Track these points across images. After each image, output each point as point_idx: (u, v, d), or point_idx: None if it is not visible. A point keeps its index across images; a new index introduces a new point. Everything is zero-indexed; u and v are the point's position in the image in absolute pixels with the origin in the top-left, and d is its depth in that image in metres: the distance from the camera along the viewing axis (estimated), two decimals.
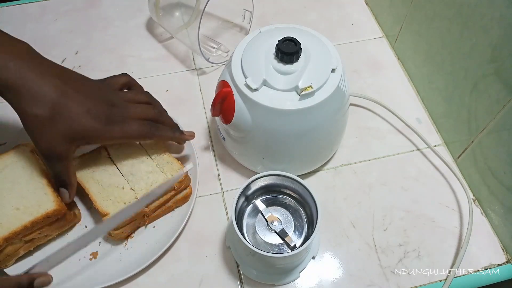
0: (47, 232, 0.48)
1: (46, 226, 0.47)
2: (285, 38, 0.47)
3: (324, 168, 0.57)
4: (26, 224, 0.45)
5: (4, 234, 0.44)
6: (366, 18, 0.74)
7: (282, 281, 0.48)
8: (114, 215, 0.47)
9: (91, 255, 0.49)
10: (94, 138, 0.46)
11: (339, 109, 0.50)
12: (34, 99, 0.42)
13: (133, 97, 0.50)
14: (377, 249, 0.51)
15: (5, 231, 0.44)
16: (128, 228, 0.49)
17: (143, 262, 0.48)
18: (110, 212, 0.47)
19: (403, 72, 0.67)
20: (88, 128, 0.45)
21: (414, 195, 0.55)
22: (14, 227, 0.45)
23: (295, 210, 0.48)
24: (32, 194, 0.47)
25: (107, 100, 0.47)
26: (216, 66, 0.67)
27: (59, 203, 0.47)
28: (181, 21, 0.69)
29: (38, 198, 0.46)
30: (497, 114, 0.48)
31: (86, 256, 0.49)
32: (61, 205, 0.47)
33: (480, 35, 0.49)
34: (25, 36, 0.53)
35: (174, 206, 0.52)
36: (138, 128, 0.48)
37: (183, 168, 0.50)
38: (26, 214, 0.45)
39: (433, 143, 0.59)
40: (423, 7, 0.59)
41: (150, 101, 0.52)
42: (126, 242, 0.50)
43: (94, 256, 0.49)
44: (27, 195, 0.47)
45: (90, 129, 0.45)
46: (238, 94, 0.47)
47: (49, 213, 0.46)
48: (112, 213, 0.47)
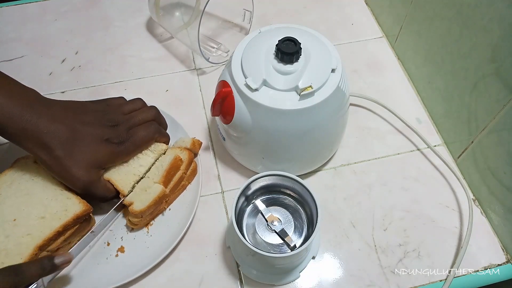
0: (70, 239, 0.48)
1: (72, 232, 0.48)
2: (285, 38, 0.47)
3: (324, 168, 0.57)
4: (58, 229, 0.46)
5: (38, 242, 0.45)
6: (366, 18, 0.74)
7: (282, 281, 0.48)
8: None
9: (117, 251, 0.50)
10: (113, 161, 0.50)
11: (339, 109, 0.50)
12: (52, 143, 0.46)
13: (131, 107, 0.54)
14: (377, 249, 0.51)
15: (38, 240, 0.45)
16: (149, 216, 0.50)
17: (170, 243, 0.49)
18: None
19: (403, 72, 0.67)
20: (105, 154, 0.49)
21: (414, 195, 0.55)
22: (45, 235, 0.45)
23: (295, 210, 0.48)
24: (53, 201, 0.48)
25: (111, 121, 0.51)
26: (216, 66, 0.67)
27: (85, 203, 0.48)
28: (181, 21, 0.69)
29: (62, 203, 0.48)
30: (497, 114, 0.48)
31: (112, 253, 0.50)
32: (87, 205, 0.48)
33: (480, 35, 0.49)
34: (25, 36, 0.53)
35: (187, 183, 0.54)
36: (145, 134, 0.51)
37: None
38: (54, 220, 0.46)
39: (433, 143, 0.59)
40: (423, 7, 0.59)
41: (141, 104, 0.55)
42: (148, 229, 0.51)
43: (121, 251, 0.50)
44: (48, 203, 0.48)
45: (108, 154, 0.49)
46: (238, 94, 0.47)
47: (78, 215, 0.47)
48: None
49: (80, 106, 0.51)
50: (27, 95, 0.47)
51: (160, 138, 0.53)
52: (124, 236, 0.51)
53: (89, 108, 0.51)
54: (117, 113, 0.52)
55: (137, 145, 0.51)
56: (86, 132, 0.48)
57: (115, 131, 0.50)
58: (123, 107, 0.53)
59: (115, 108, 0.53)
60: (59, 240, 0.47)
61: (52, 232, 0.46)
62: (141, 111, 0.53)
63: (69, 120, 0.48)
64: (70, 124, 0.48)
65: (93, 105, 0.52)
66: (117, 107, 0.53)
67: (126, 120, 0.52)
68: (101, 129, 0.49)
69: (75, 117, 0.49)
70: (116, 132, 0.50)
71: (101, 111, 0.51)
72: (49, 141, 0.46)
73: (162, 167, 0.51)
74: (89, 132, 0.48)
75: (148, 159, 0.52)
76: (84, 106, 0.52)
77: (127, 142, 0.50)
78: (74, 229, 0.48)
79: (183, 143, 0.54)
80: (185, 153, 0.53)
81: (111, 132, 0.49)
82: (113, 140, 0.49)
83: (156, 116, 0.54)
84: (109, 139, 0.49)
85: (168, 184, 0.51)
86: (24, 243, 0.45)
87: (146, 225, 0.51)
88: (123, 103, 0.54)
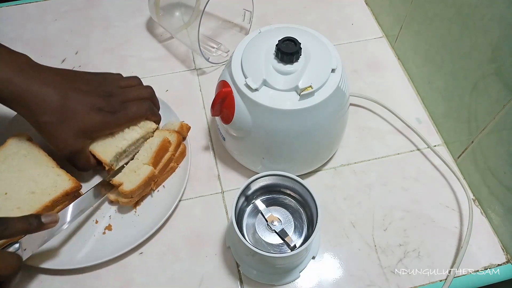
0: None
1: (60, 207, 0.49)
2: (285, 38, 0.47)
3: (324, 168, 0.57)
4: (47, 203, 0.48)
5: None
6: (366, 18, 0.74)
7: (282, 281, 0.48)
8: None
9: (105, 229, 0.51)
10: (102, 130, 0.51)
11: (339, 109, 0.50)
12: (41, 108, 0.46)
13: (127, 83, 0.54)
14: (377, 249, 0.51)
15: (27, 213, 0.45)
16: (138, 196, 0.52)
17: (156, 223, 0.50)
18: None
19: (403, 72, 0.67)
20: (95, 122, 0.49)
21: (414, 195, 0.55)
22: (34, 208, 0.47)
23: (295, 210, 0.48)
24: (44, 178, 0.49)
25: (105, 92, 0.51)
26: (216, 66, 0.67)
27: (75, 180, 0.50)
28: (181, 21, 0.69)
29: (53, 180, 0.49)
30: (497, 114, 0.48)
31: (100, 231, 0.51)
32: (77, 182, 0.50)
33: (480, 35, 0.49)
34: (25, 36, 0.53)
35: (175, 165, 0.55)
36: (138, 109, 0.52)
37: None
38: (44, 195, 0.48)
39: (433, 143, 0.59)
40: (423, 7, 0.59)
41: (138, 81, 0.56)
42: (135, 210, 0.53)
43: (108, 229, 0.51)
44: (39, 179, 0.49)
45: (97, 122, 0.49)
46: (238, 94, 0.47)
47: (67, 191, 0.49)
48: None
49: (74, 74, 0.52)
50: (18, 60, 0.47)
51: (151, 117, 0.54)
52: (112, 215, 0.53)
53: (84, 77, 0.52)
54: (112, 85, 0.53)
55: (129, 118, 0.52)
56: (78, 99, 0.48)
57: (108, 101, 0.50)
58: (120, 82, 0.54)
59: (111, 81, 0.53)
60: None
61: (41, 207, 0.47)
62: (137, 88, 0.54)
63: (61, 86, 0.48)
64: (62, 89, 0.48)
65: (89, 76, 0.53)
66: (114, 81, 0.54)
67: (121, 93, 0.52)
68: (95, 97, 0.50)
69: (69, 83, 0.49)
70: (109, 102, 0.50)
71: (97, 81, 0.52)
72: (39, 106, 0.46)
73: (151, 149, 0.52)
74: (82, 99, 0.48)
75: (133, 134, 0.53)
76: (79, 75, 0.52)
77: (119, 113, 0.51)
78: (63, 204, 0.50)
79: (171, 126, 0.56)
80: (173, 135, 0.54)
81: (104, 102, 0.50)
82: (105, 108, 0.50)
83: (151, 95, 0.55)
84: (101, 108, 0.49)
85: (157, 165, 0.52)
86: (13, 215, 0.45)
87: (135, 205, 0.53)
88: (119, 78, 0.55)
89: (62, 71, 0.50)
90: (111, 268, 0.49)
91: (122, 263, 0.50)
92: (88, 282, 0.48)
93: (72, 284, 0.48)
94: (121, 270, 0.49)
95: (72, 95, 0.48)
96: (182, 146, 0.55)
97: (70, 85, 0.49)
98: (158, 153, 0.52)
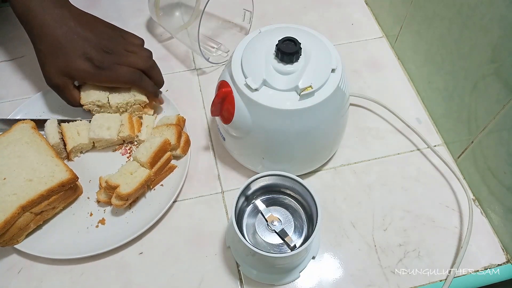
0: (55, 204, 0.50)
1: (56, 197, 0.50)
2: (285, 38, 0.47)
3: (324, 168, 0.57)
4: (42, 192, 0.48)
5: (22, 202, 0.47)
6: (366, 18, 0.74)
7: (282, 281, 0.48)
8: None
9: (98, 222, 0.52)
10: (83, 79, 0.54)
11: (339, 109, 0.50)
12: (41, 37, 0.52)
13: (132, 47, 0.56)
14: (377, 249, 0.51)
15: (22, 200, 0.47)
16: (132, 199, 0.52)
17: (149, 221, 0.50)
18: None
19: (403, 72, 0.67)
20: (79, 69, 0.52)
21: (414, 195, 0.55)
22: (30, 196, 0.47)
23: (295, 210, 0.48)
24: (43, 166, 0.50)
25: (105, 46, 0.53)
26: (216, 66, 0.67)
27: (71, 172, 0.50)
28: (181, 21, 0.69)
29: (50, 169, 0.50)
30: (497, 114, 0.48)
31: (93, 224, 0.52)
32: (74, 174, 0.50)
33: (480, 35, 0.49)
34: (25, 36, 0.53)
35: (174, 166, 0.56)
36: (126, 75, 0.54)
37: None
38: (41, 184, 0.48)
39: (433, 143, 0.59)
40: (423, 7, 0.59)
41: (147, 54, 0.57)
42: (131, 207, 0.53)
43: (102, 223, 0.52)
44: (38, 167, 0.50)
45: (81, 70, 0.52)
46: (238, 94, 0.47)
47: (63, 182, 0.49)
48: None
49: (93, 21, 0.55)
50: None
51: (141, 90, 0.56)
52: (107, 209, 0.53)
53: (99, 28, 0.54)
54: (120, 46, 0.55)
55: (112, 79, 0.54)
56: (75, 43, 0.52)
57: (103, 56, 0.53)
58: (131, 46, 0.56)
59: (124, 42, 0.55)
60: (43, 204, 0.49)
61: (37, 195, 0.48)
62: (137, 56, 0.55)
63: (68, 26, 0.52)
64: (66, 29, 0.52)
65: (104, 28, 0.55)
66: (126, 44, 0.55)
67: (121, 55, 0.54)
68: (91, 48, 0.52)
69: (77, 27, 0.52)
70: (103, 57, 0.53)
71: (108, 35, 0.54)
72: (40, 35, 0.52)
73: (150, 148, 0.52)
74: (78, 44, 0.52)
75: (118, 96, 0.56)
76: (96, 24, 0.55)
77: (105, 70, 0.53)
78: (58, 195, 0.50)
79: (168, 120, 0.56)
80: (172, 128, 0.55)
81: (99, 55, 0.52)
82: (95, 62, 0.52)
83: (146, 67, 0.56)
84: (91, 59, 0.52)
85: (154, 165, 0.52)
86: (9, 201, 0.47)
87: (130, 205, 0.53)
88: (136, 43, 0.57)
89: (82, 15, 0.54)
90: (111, 268, 0.49)
91: (122, 263, 0.50)
92: (88, 282, 0.49)
93: (72, 284, 0.48)
94: (121, 270, 0.49)
95: (72, 37, 0.52)
96: (184, 135, 0.56)
97: (77, 29, 0.52)
98: (157, 154, 0.52)
